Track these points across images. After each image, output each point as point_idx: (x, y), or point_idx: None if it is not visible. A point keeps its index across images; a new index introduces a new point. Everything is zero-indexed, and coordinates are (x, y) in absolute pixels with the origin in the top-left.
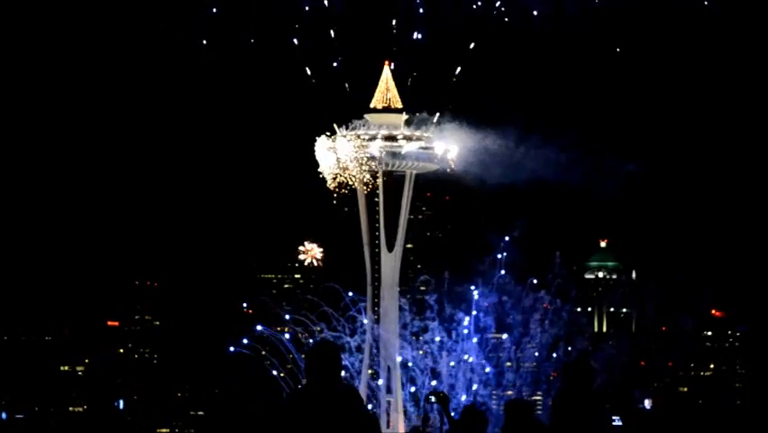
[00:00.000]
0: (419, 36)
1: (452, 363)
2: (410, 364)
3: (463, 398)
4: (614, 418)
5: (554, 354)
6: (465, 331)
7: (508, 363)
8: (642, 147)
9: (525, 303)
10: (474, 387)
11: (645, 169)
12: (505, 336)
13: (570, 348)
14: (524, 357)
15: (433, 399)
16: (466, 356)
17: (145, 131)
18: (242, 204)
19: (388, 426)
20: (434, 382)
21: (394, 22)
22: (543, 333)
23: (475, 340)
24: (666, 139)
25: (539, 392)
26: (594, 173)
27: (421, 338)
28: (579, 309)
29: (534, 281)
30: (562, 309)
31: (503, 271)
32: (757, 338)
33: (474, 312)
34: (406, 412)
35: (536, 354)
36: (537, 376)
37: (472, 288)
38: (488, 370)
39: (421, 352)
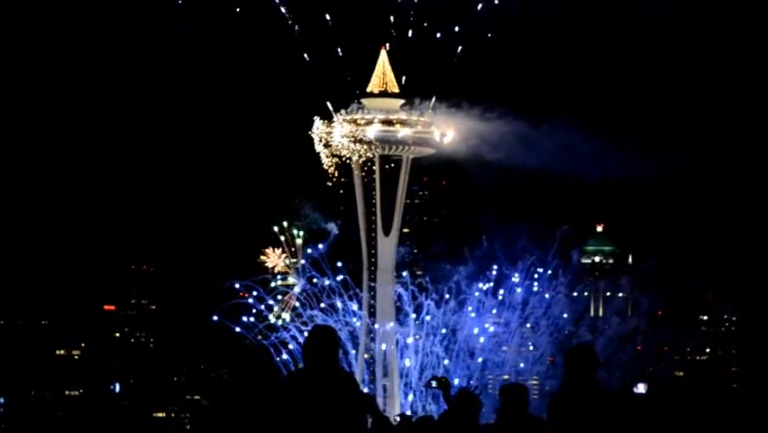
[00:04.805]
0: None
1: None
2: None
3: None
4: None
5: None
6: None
7: None
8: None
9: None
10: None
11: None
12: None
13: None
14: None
15: (434, 384)
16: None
17: (138, 117)
18: (238, 186)
19: (383, 410)
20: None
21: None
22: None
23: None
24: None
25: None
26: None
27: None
28: (575, 294)
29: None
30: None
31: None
32: (751, 324)
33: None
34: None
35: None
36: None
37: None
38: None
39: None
